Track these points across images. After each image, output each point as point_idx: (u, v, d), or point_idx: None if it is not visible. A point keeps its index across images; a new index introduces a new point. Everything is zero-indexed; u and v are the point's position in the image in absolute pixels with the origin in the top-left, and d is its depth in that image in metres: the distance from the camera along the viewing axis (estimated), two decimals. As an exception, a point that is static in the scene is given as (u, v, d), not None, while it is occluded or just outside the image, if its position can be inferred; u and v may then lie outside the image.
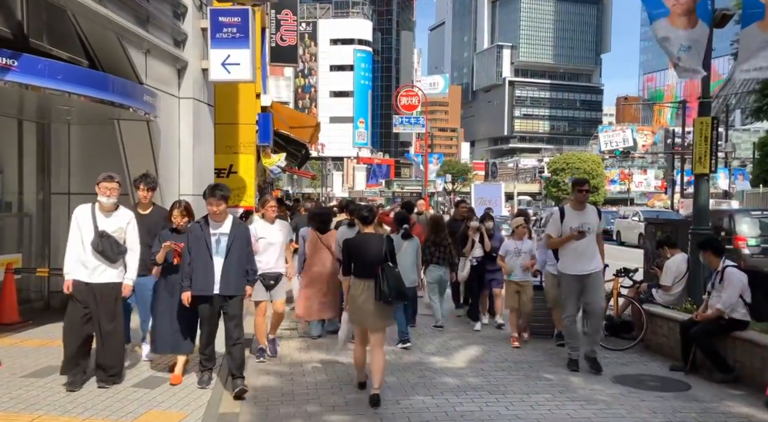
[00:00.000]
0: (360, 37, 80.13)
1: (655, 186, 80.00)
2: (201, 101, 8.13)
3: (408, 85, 20.72)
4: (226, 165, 12.67)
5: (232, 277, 4.82)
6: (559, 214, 5.99)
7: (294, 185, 47.42)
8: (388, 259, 4.79)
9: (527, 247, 7.16)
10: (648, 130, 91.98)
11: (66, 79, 5.24)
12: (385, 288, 4.65)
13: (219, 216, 4.85)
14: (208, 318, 4.93)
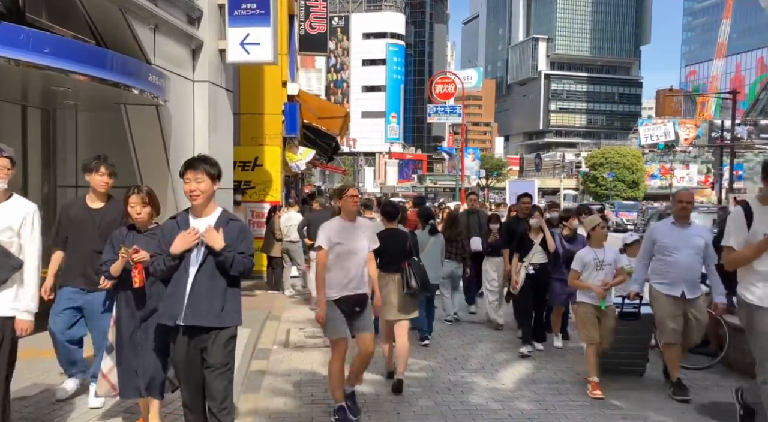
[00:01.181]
0: (392, 30, 79.14)
1: (698, 181, 77.19)
2: (218, 85, 7.42)
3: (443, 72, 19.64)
4: (251, 158, 12.03)
5: (206, 298, 3.08)
6: (744, 215, 3.85)
7: (326, 181, 46.92)
8: (412, 254, 5.15)
9: (611, 257, 5.13)
10: (691, 123, 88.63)
11: (55, 54, 4.55)
12: (412, 282, 4.95)
13: (200, 204, 3.15)
14: (184, 368, 3.20)
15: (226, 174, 8.03)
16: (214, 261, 3.09)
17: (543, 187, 69.48)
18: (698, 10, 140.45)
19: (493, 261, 7.50)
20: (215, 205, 3.24)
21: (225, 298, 3.15)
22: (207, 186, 3.13)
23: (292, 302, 9.46)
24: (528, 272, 6.30)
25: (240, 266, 3.11)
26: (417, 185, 50.47)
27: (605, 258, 5.09)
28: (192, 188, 3.11)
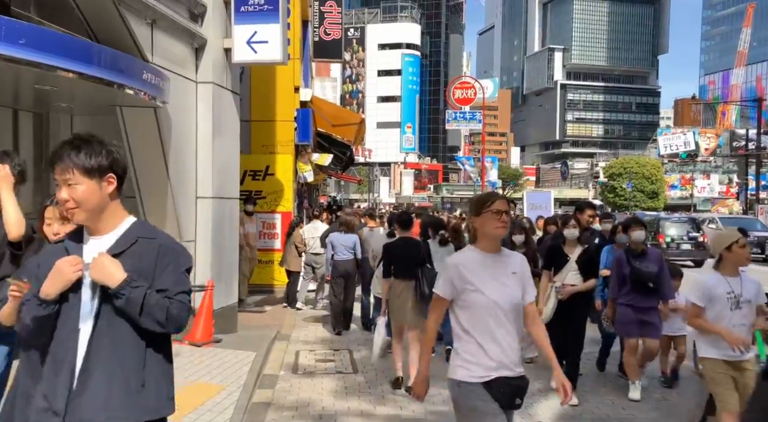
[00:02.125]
0: (408, 41, 78.92)
1: (719, 191, 75.68)
2: (222, 87, 6.89)
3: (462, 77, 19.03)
4: (262, 166, 11.51)
5: (104, 377, 1.81)
6: None
7: (341, 191, 46.48)
8: (425, 261, 5.27)
9: (752, 291, 3.68)
10: (711, 133, 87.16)
11: (32, 45, 4.03)
12: (425, 289, 5.04)
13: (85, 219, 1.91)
14: None
15: (234, 182, 7.54)
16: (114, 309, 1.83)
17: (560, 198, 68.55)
18: (717, 18, 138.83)
19: None
20: (123, 213, 1.98)
21: (144, 374, 1.85)
22: (86, 192, 1.85)
23: (303, 319, 8.86)
24: (559, 296, 5.14)
25: (159, 313, 1.81)
26: (433, 195, 49.79)
27: (743, 292, 3.60)
28: (63, 198, 1.86)
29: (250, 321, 8.35)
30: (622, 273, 5.08)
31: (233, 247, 7.34)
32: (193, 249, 6.66)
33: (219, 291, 6.89)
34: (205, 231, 6.71)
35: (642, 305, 5.00)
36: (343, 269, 7.77)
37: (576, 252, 5.23)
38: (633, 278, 5.00)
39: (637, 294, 5.01)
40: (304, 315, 9.15)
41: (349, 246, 7.77)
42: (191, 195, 6.62)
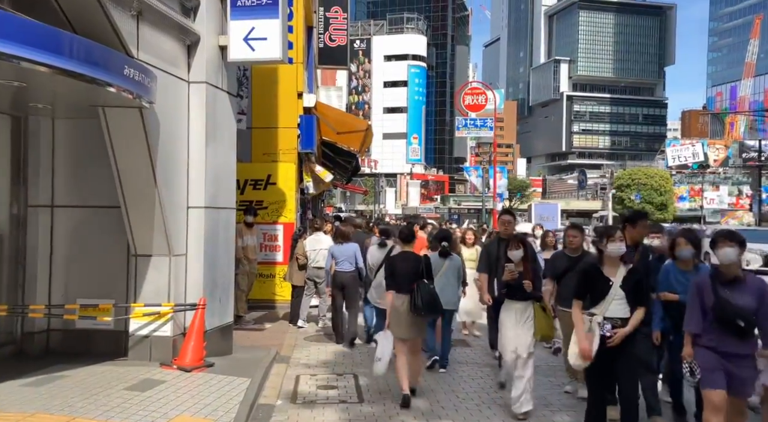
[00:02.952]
0: (414, 52, 78.68)
1: (729, 203, 74.96)
2: (217, 87, 6.35)
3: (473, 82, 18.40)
4: (264, 175, 10.97)
5: None
6: None
7: (347, 202, 45.93)
8: (424, 276, 5.34)
9: None
10: (720, 144, 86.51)
11: (-13, 31, 3.49)
12: (418, 302, 5.16)
13: None
14: None
15: (229, 191, 6.98)
16: None
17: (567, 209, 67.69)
18: (724, 30, 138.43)
19: (513, 308, 5.16)
20: None
21: None
22: None
23: (305, 338, 8.25)
24: (603, 332, 4.01)
25: None
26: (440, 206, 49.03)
27: None
28: None
29: (247, 340, 7.76)
30: (702, 303, 3.83)
31: (229, 262, 6.77)
32: (183, 264, 6.10)
33: (212, 310, 6.31)
34: (198, 244, 6.15)
35: (729, 350, 3.73)
36: (341, 280, 7.67)
37: (620, 275, 4.08)
38: (718, 313, 3.74)
39: (723, 334, 3.74)
40: (306, 334, 8.55)
41: (350, 256, 7.64)
42: (182, 204, 6.06)
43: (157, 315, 5.84)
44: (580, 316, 4.13)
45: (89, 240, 6.17)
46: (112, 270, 6.08)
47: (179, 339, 5.95)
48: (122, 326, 6.02)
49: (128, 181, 5.58)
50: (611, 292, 4.04)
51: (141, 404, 4.69)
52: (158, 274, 5.91)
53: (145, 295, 5.92)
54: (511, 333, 5.07)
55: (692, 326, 3.88)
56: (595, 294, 4.10)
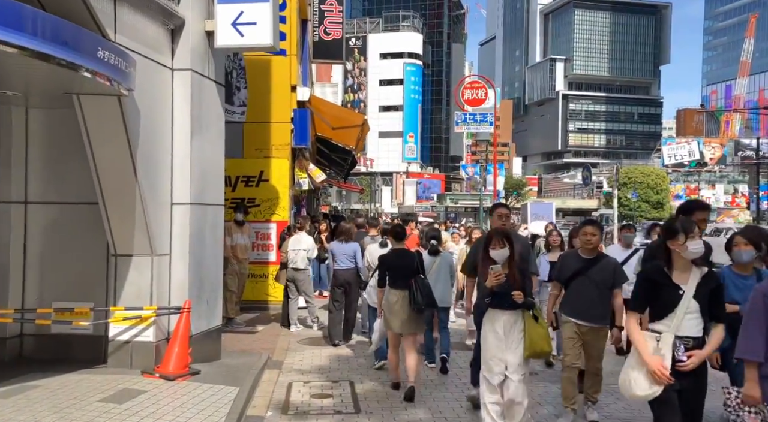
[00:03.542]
0: (410, 50, 78.25)
1: (725, 201, 75.13)
2: (203, 75, 5.95)
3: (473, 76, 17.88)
4: (256, 172, 10.57)
5: None
6: None
7: (342, 200, 45.52)
8: (419, 272, 5.41)
9: None
10: (716, 143, 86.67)
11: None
12: (418, 298, 5.23)
13: None
14: None
15: (217, 187, 6.58)
16: None
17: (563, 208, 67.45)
18: (719, 29, 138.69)
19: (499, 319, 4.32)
20: None
21: None
22: None
23: (299, 341, 7.86)
24: (680, 356, 3.14)
25: None
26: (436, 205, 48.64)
27: None
28: None
29: (237, 344, 7.37)
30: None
31: (217, 262, 6.37)
32: (167, 264, 5.69)
33: (199, 314, 5.91)
34: (182, 243, 5.74)
35: None
36: (343, 278, 7.58)
37: (692, 281, 3.19)
38: None
39: None
40: (300, 337, 8.15)
41: (350, 255, 7.57)
42: (165, 201, 5.66)
43: (138, 319, 5.44)
44: (640, 333, 3.24)
45: (66, 238, 5.76)
46: (90, 271, 5.68)
47: (162, 345, 5.55)
48: (102, 331, 5.62)
49: (107, 174, 5.18)
50: (682, 304, 3.15)
51: (116, 418, 4.29)
52: (140, 275, 5.50)
53: (126, 298, 5.51)
54: (496, 350, 4.24)
55: (753, 351, 2.85)
56: (659, 305, 3.22)
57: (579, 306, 4.77)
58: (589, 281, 4.75)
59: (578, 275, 4.81)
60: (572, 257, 5.04)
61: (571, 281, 4.86)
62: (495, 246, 4.32)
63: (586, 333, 4.78)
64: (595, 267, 4.79)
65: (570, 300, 4.86)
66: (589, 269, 4.78)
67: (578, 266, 4.85)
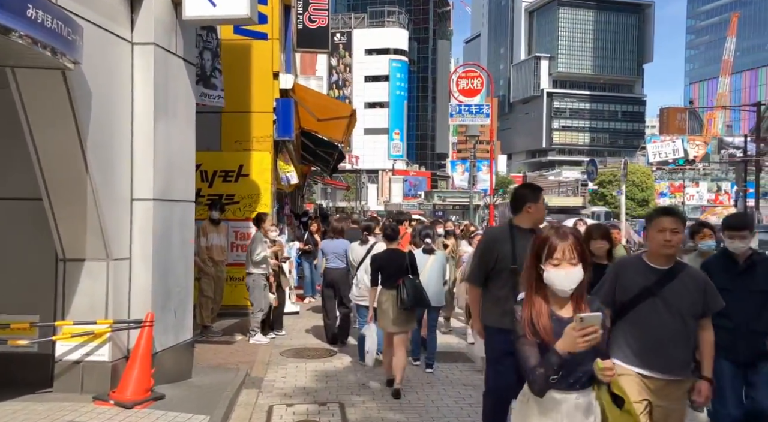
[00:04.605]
0: (395, 46, 77.36)
1: (708, 199, 75.74)
2: (169, 51, 5.14)
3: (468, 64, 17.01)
4: (235, 166, 9.73)
5: None
6: None
7: (327, 198, 44.67)
8: (409, 272, 5.48)
9: None
10: (700, 140, 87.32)
11: None
12: (404, 296, 5.29)
13: None
14: None
15: (187, 180, 5.73)
16: None
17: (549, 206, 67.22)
18: (701, 28, 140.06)
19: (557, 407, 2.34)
20: None
21: None
22: None
23: (282, 352, 7.09)
24: None
25: None
26: (424, 202, 47.89)
27: None
28: None
29: (213, 357, 6.58)
30: None
31: (187, 266, 5.56)
32: (126, 270, 4.89)
33: (164, 327, 5.11)
34: (145, 245, 4.94)
35: None
36: (332, 277, 7.48)
37: None
38: None
39: None
40: (282, 347, 7.37)
41: (340, 253, 7.44)
42: (124, 196, 4.85)
43: (90, 335, 4.63)
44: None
45: (5, 241, 4.92)
46: (34, 279, 4.85)
47: (120, 365, 4.75)
48: (49, 349, 4.79)
49: (51, 165, 4.36)
50: None
51: (54, 463, 3.49)
52: (93, 283, 4.69)
53: (77, 310, 4.70)
54: None
55: None
56: None
57: (648, 346, 3.01)
58: (664, 306, 3.00)
59: (646, 296, 3.03)
60: (634, 266, 3.16)
61: (634, 305, 3.07)
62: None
63: (660, 389, 3.00)
64: (672, 284, 3.03)
65: (631, 337, 3.05)
66: (663, 286, 3.03)
67: (647, 281, 3.05)
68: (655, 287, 3.03)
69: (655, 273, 3.07)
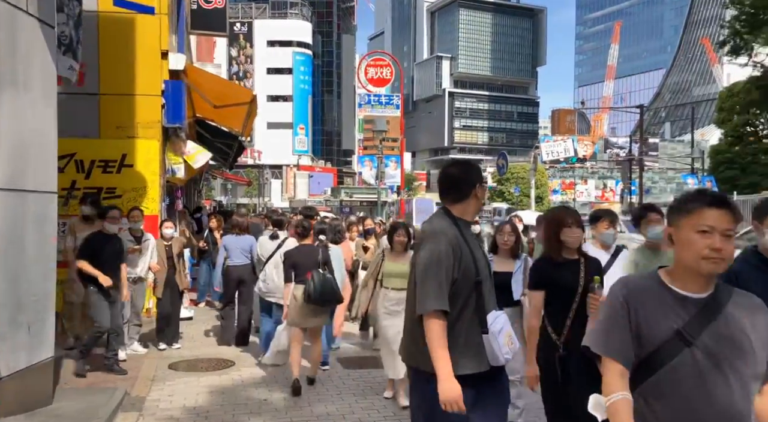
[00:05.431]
0: (299, 39, 75.74)
1: (596, 196, 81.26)
2: (18, 7, 4.18)
3: (377, 52, 16.40)
4: (117, 155, 8.59)
5: None
6: None
7: (228, 194, 42.73)
8: (319, 266, 5.38)
9: None
10: (588, 140, 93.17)
11: None
12: (311, 291, 5.22)
13: None
14: None
15: (46, 167, 4.72)
16: None
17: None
18: (589, 34, 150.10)
19: None
20: None
21: None
22: None
23: (169, 365, 6.23)
24: None
25: None
26: (330, 199, 47.14)
27: None
28: None
29: (88, 374, 5.64)
30: None
31: (46, 271, 4.61)
32: (-40, 277, 3.90)
33: (14, 345, 4.17)
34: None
35: None
36: (237, 275, 7.15)
37: None
38: None
39: None
40: (170, 359, 6.51)
41: (246, 249, 7.17)
42: (-45, 184, 3.86)
43: None
44: None
45: None
46: None
47: (-50, 398, 3.78)
48: None
49: None
50: None
51: None
52: None
53: None
54: None
55: None
56: None
57: None
58: (710, 363, 1.73)
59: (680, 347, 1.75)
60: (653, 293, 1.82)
61: (662, 364, 1.76)
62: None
63: None
64: (719, 324, 1.75)
65: None
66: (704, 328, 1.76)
67: (677, 320, 1.77)
68: (692, 330, 1.74)
69: (690, 305, 1.78)
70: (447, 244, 2.48)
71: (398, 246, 5.12)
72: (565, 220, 3.29)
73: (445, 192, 2.67)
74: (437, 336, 2.38)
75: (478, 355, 2.45)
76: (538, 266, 3.40)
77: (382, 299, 5.00)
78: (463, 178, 2.65)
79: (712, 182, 31.65)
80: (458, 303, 2.47)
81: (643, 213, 3.85)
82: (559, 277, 3.25)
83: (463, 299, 2.48)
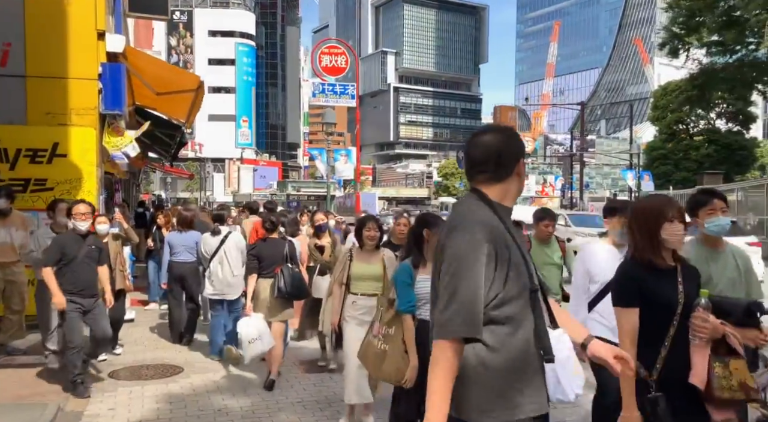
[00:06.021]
0: (242, 29, 73.80)
1: (536, 190, 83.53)
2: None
3: (331, 40, 15.74)
4: (48, 143, 7.83)
5: None
6: None
7: (167, 188, 41.15)
8: (287, 261, 5.40)
9: None
10: (528, 136, 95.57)
11: None
12: (282, 285, 5.20)
13: None
14: None
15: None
16: None
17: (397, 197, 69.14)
18: (529, 33, 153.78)
19: None
20: None
21: None
22: None
23: (110, 374, 5.68)
24: None
25: None
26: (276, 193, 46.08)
27: None
28: None
29: (15, 386, 5.05)
30: None
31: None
32: None
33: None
34: None
35: None
36: (180, 272, 6.93)
37: None
38: None
39: None
40: (111, 365, 5.94)
41: (191, 246, 6.93)
42: None
43: None
44: None
45: None
46: None
47: None
48: None
49: None
50: None
51: None
52: None
53: None
54: None
55: None
56: None
57: None
58: None
59: None
60: None
61: None
62: None
63: None
64: None
65: None
66: None
67: None
68: None
69: None
70: (488, 240, 1.79)
71: (369, 244, 4.32)
72: (666, 213, 2.44)
73: (479, 167, 1.97)
74: (448, 368, 1.73)
75: (539, 391, 1.84)
76: (631, 273, 2.48)
77: (349, 307, 4.25)
78: (504, 149, 1.96)
79: (650, 176, 32.92)
80: (508, 322, 1.83)
81: (705, 199, 3.03)
82: (658, 290, 2.41)
83: (515, 316, 1.83)
